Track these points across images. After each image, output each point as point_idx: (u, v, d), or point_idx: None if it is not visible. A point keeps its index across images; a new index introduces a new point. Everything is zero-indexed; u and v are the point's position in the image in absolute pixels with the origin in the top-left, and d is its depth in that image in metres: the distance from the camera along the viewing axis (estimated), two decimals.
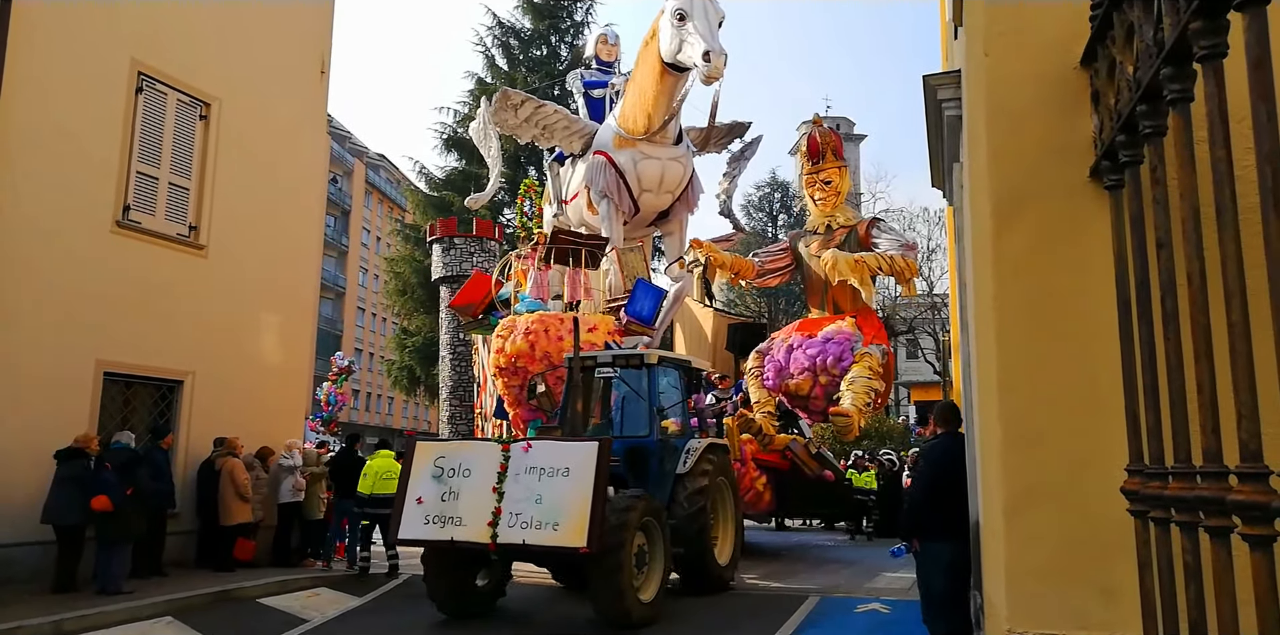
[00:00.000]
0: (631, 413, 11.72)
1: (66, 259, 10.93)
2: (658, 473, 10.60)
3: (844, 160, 15.53)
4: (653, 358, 11.24)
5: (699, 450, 10.82)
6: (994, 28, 3.17)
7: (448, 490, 8.93)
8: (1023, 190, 3.00)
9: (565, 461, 8.65)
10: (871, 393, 13.30)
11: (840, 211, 15.29)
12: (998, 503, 3.17)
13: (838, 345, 13.94)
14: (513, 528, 8.43)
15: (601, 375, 11.64)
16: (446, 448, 9.55)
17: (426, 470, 9.12)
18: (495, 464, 8.83)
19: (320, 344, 18.91)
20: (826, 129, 15.49)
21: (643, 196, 16.17)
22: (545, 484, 8.56)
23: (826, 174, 15.22)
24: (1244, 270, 1.83)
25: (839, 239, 14.82)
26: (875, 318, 15.00)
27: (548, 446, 8.95)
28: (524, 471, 8.70)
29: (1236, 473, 1.78)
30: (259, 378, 13.24)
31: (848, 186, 15.57)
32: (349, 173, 64.09)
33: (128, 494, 9.85)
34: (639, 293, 14.50)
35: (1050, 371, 2.96)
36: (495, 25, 31.92)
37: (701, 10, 14.16)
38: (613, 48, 19.15)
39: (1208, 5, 1.82)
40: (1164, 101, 2.15)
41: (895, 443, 23.76)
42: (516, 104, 16.71)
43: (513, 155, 28.49)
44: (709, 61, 13.63)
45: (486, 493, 8.69)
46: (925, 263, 35.15)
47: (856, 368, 13.47)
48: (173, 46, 12.47)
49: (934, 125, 8.15)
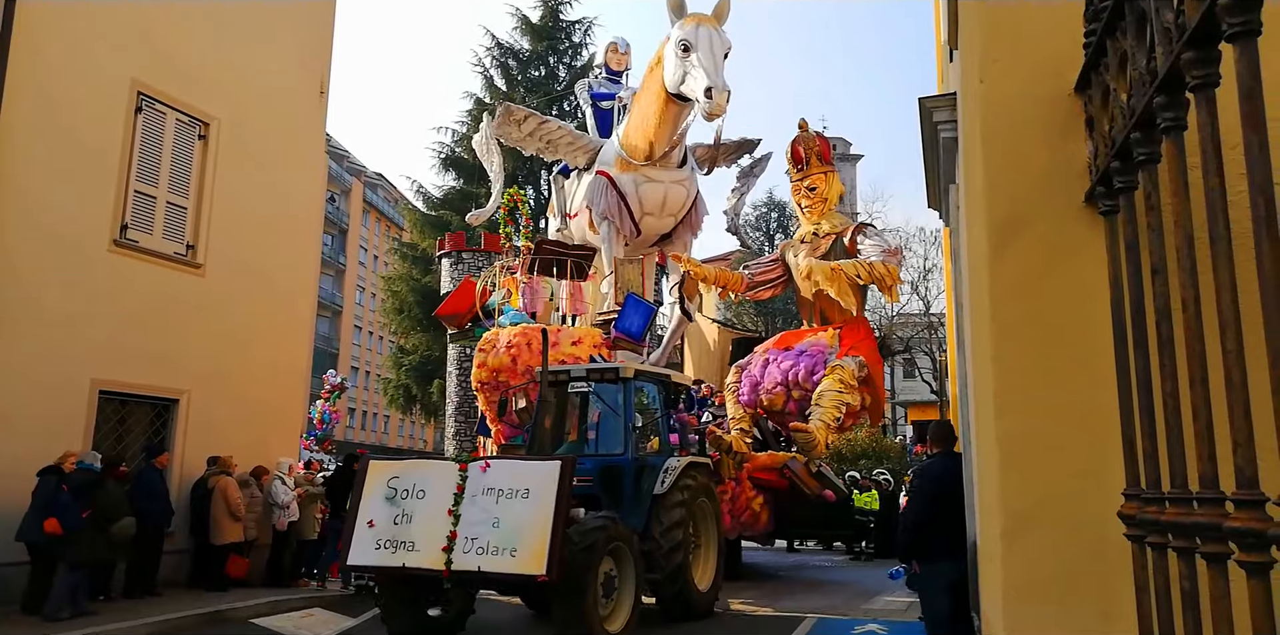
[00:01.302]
0: (607, 430, 11.15)
1: (64, 277, 10.95)
2: (633, 493, 10.15)
3: (831, 165, 14.74)
4: (629, 372, 10.80)
5: (678, 469, 10.32)
6: (989, 54, 3.20)
7: (400, 513, 8.38)
8: (1019, 214, 3.02)
9: (525, 482, 8.08)
10: (842, 407, 12.52)
11: (828, 219, 14.50)
12: (995, 524, 3.17)
13: (810, 358, 13.36)
14: (468, 553, 7.90)
15: (575, 390, 11.13)
16: (400, 467, 8.97)
17: (379, 491, 8.57)
18: (451, 484, 8.29)
19: (316, 362, 18.87)
20: (811, 134, 14.68)
21: (644, 219, 15.97)
22: (503, 506, 8.00)
23: (811, 180, 14.48)
24: (1238, 298, 1.85)
25: (824, 247, 14.08)
26: (863, 329, 14.16)
27: (507, 466, 8.44)
28: (481, 493, 8.15)
29: (1233, 499, 1.78)
30: (255, 396, 13.22)
31: (837, 191, 14.78)
32: (347, 192, 64.23)
33: (84, 516, 9.58)
34: (629, 308, 14.19)
35: (1048, 394, 2.96)
36: (494, 46, 32.13)
37: (707, 42, 13.88)
38: (623, 56, 18.88)
39: (1199, 36, 1.84)
40: (1157, 129, 2.17)
41: (892, 462, 23.68)
42: (519, 119, 16.59)
43: (511, 175, 28.59)
44: (711, 98, 13.38)
45: (441, 515, 8.16)
46: (921, 282, 35.16)
47: (827, 380, 12.79)
48: (173, 66, 12.54)
49: (930, 147, 8.22)
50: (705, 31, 14.01)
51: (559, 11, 32.49)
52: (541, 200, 30.05)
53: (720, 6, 14.60)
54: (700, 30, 14.02)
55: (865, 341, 13.78)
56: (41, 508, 9.51)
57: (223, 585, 11.54)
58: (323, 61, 15.49)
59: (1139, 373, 2.46)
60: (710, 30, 14.09)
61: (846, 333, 13.60)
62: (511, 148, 17.72)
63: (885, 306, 34.75)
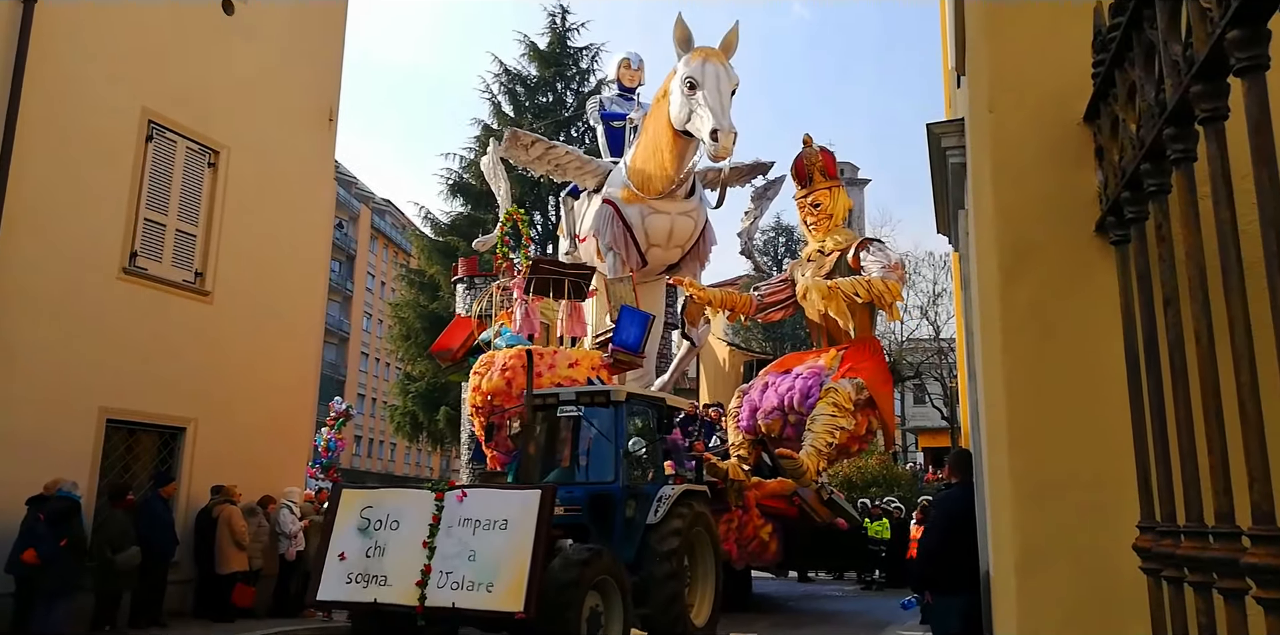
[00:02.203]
0: (597, 456, 10.67)
1: (72, 305, 10.99)
2: (624, 523, 9.74)
3: (836, 180, 14.13)
4: (620, 395, 10.43)
5: (672, 498, 9.92)
6: (997, 84, 3.21)
7: (373, 545, 8.00)
8: (1029, 244, 3.01)
9: (503, 512, 7.68)
10: (835, 432, 11.97)
11: (833, 235, 13.89)
12: (1009, 557, 3.14)
13: (805, 381, 12.81)
14: (442, 588, 7.52)
15: (565, 415, 10.72)
16: (374, 496, 8.56)
17: (351, 522, 8.20)
18: (427, 515, 7.90)
19: (323, 389, 18.84)
20: (815, 149, 14.07)
21: (651, 251, 15.73)
22: (480, 538, 7.60)
23: (815, 196, 13.89)
24: (1252, 330, 1.83)
25: (829, 265, 13.53)
26: (867, 350, 13.46)
27: (484, 495, 8.02)
28: (458, 523, 7.76)
29: (1250, 535, 1.76)
30: (262, 424, 13.22)
31: (844, 206, 14.16)
32: (355, 218, 64.59)
33: (61, 545, 9.46)
34: (625, 320, 13.69)
35: (1061, 426, 2.94)
36: (502, 73, 32.36)
37: (714, 79, 13.60)
38: (635, 73, 18.55)
39: (1207, 69, 1.84)
40: (1167, 160, 2.17)
41: (904, 489, 23.50)
42: (527, 144, 16.41)
43: (519, 200, 28.71)
44: (717, 141, 13.09)
45: (416, 548, 7.79)
46: (931, 307, 35.08)
47: (821, 404, 12.25)
48: (183, 95, 12.66)
49: (939, 173, 8.21)
50: (712, 68, 13.73)
51: (566, 38, 32.76)
52: (549, 225, 30.16)
53: (728, 39, 14.36)
54: (707, 67, 13.75)
55: (868, 362, 13.16)
56: (24, 537, 9.47)
57: (228, 615, 11.46)
58: (332, 89, 15.62)
59: (1153, 404, 2.44)
60: (717, 67, 13.82)
61: (850, 354, 13.08)
62: (519, 173, 17.66)
63: (895, 331, 34.67)
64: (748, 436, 13.47)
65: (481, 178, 21.69)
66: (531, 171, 17.50)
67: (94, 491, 10.84)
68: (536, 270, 14.16)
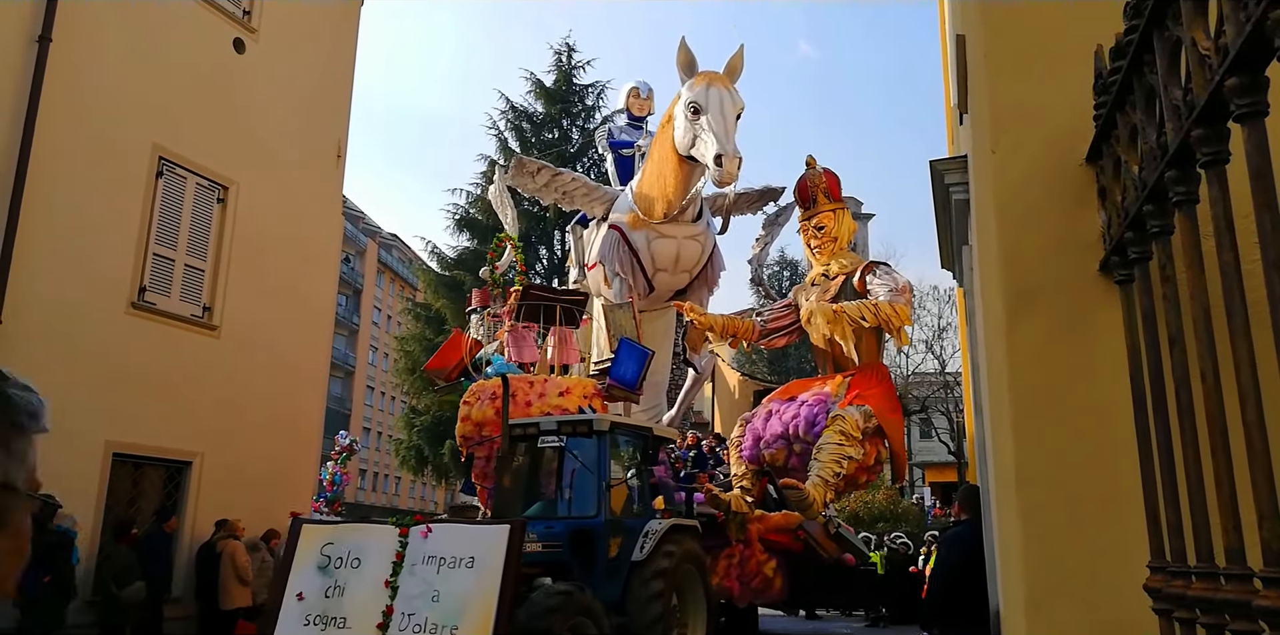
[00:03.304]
0: (579, 489, 10.13)
1: (81, 339, 11.05)
2: (608, 560, 9.16)
3: (840, 202, 13.58)
4: (604, 424, 9.86)
5: (659, 533, 9.36)
6: (999, 125, 3.25)
7: (333, 584, 7.52)
8: (1034, 283, 3.03)
9: (469, 549, 7.22)
10: (843, 461, 11.36)
11: (837, 259, 13.32)
12: (1019, 597, 3.13)
13: (810, 408, 12.18)
14: (404, 631, 7.07)
15: (546, 445, 10.17)
16: (336, 532, 8.09)
17: (311, 559, 7.71)
18: (390, 552, 7.45)
19: (328, 422, 18.82)
20: (819, 170, 13.54)
21: (657, 276, 15.41)
22: (445, 577, 7.15)
23: (819, 219, 13.35)
24: (1257, 370, 1.85)
25: (834, 289, 12.93)
26: (875, 376, 12.92)
27: (449, 531, 7.55)
28: (422, 561, 7.31)
29: (1261, 577, 1.76)
30: (267, 458, 13.22)
31: (849, 228, 13.64)
32: (362, 252, 64.89)
33: (45, 581, 9.27)
34: (623, 354, 13.12)
35: (1069, 464, 2.94)
36: (508, 109, 32.65)
37: (718, 104, 13.35)
38: (645, 102, 18.15)
39: (1208, 114, 1.87)
40: (1169, 202, 2.19)
41: (911, 524, 23.33)
42: (533, 172, 16.00)
43: (525, 234, 28.85)
44: (721, 166, 12.78)
45: (378, 587, 7.33)
46: (936, 341, 35.04)
47: (827, 433, 11.60)
48: (193, 132, 12.81)
49: (942, 209, 8.27)
50: (716, 93, 13.51)
51: (572, 75, 33.09)
52: (554, 260, 30.26)
53: (733, 63, 14.13)
54: (711, 92, 13.54)
55: (876, 389, 12.58)
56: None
57: None
58: (340, 125, 15.80)
59: (1160, 443, 2.45)
60: (721, 91, 13.60)
61: (857, 380, 12.49)
62: (525, 209, 17.56)
63: (901, 365, 34.60)
64: (751, 467, 12.82)
65: (488, 212, 21.78)
66: (540, 200, 17.32)
67: (99, 526, 10.82)
68: (527, 296, 13.70)
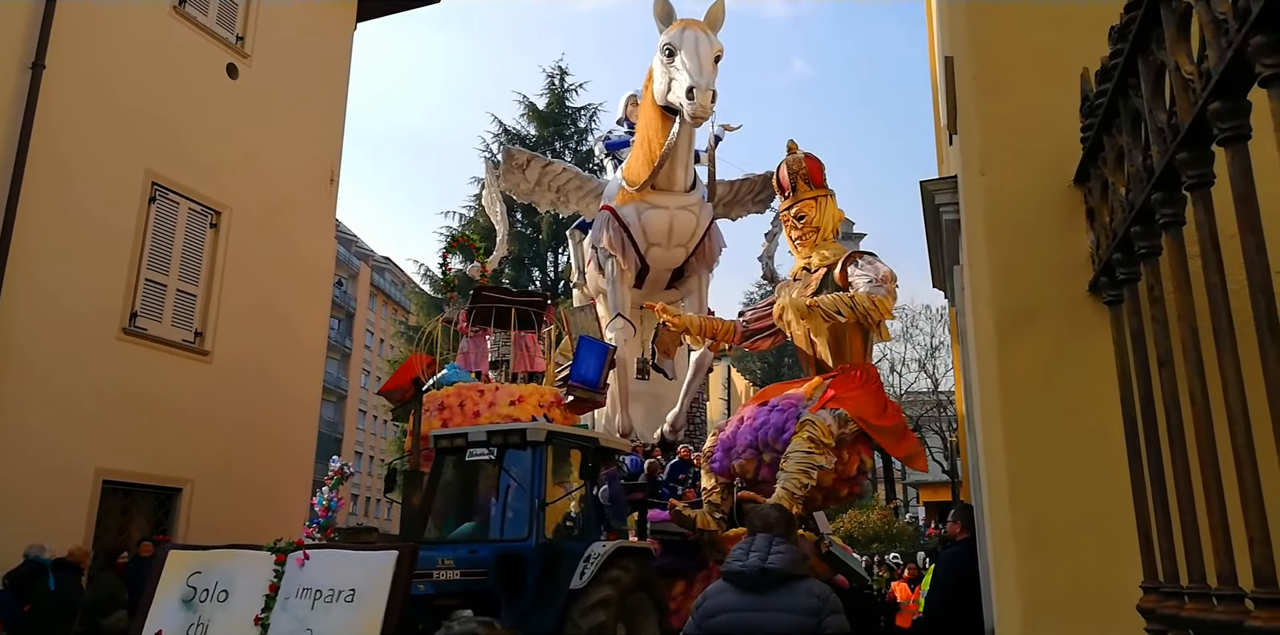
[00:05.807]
0: (512, 508, 8.97)
1: (71, 364, 11.01)
2: (541, 588, 8.05)
3: (823, 188, 12.09)
4: (539, 433, 8.72)
5: (602, 557, 8.26)
6: (988, 147, 3.28)
7: (196, 621, 6.57)
8: (1025, 304, 3.05)
9: (350, 580, 6.25)
10: (811, 471, 10.06)
11: (819, 251, 11.83)
12: (1015, 617, 3.12)
13: (780, 414, 10.89)
14: None
15: (475, 458, 8.91)
16: (205, 559, 7.11)
17: (175, 591, 6.81)
18: (263, 583, 6.51)
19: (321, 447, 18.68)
20: (799, 155, 12.16)
21: (650, 251, 14.38)
22: (320, 613, 6.17)
23: (799, 207, 11.91)
24: (1245, 392, 1.85)
25: (815, 283, 11.61)
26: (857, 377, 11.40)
27: (329, 558, 6.58)
28: (295, 594, 6.36)
29: (1253, 598, 1.76)
30: (259, 485, 13.14)
31: (833, 217, 12.20)
32: (354, 275, 64.87)
33: (25, 611, 9.15)
34: (582, 351, 11.99)
35: (1062, 485, 2.95)
36: (501, 132, 32.81)
37: (692, 43, 12.73)
38: None
39: (1192, 138, 1.89)
40: (1156, 224, 2.21)
41: (906, 545, 23.26)
42: (523, 164, 15.71)
43: (518, 257, 28.91)
44: (693, 99, 12.13)
45: (247, 625, 6.34)
46: (929, 360, 35.01)
47: (795, 440, 10.30)
48: (187, 157, 12.84)
49: (932, 229, 8.30)
50: (691, 34, 12.88)
51: (565, 99, 33.30)
52: (549, 282, 30.31)
53: (713, 12, 13.54)
54: (686, 34, 12.92)
55: (857, 391, 11.13)
56: None
57: None
58: (333, 150, 15.84)
59: (1151, 463, 2.45)
60: (696, 32, 12.99)
61: (836, 382, 11.12)
62: (519, 231, 17.44)
63: (894, 384, 34.55)
64: (721, 480, 11.37)
65: (482, 235, 21.79)
66: (536, 205, 16.99)
67: (89, 553, 10.71)
68: (479, 298, 12.68)
